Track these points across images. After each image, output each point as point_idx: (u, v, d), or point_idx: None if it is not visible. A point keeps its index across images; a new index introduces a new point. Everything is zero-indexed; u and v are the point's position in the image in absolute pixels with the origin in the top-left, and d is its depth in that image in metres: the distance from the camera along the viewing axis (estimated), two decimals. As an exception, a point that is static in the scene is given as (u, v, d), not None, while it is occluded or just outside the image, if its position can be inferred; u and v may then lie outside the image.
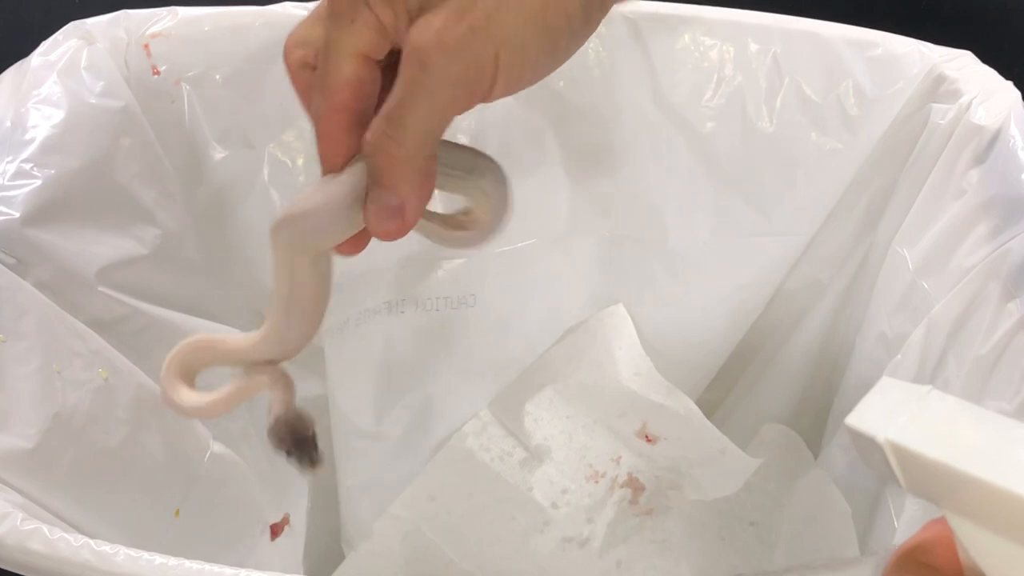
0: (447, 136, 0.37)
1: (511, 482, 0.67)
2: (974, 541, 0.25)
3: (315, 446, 0.41)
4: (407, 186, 0.36)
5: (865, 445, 0.27)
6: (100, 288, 0.50)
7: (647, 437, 0.67)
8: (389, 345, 0.66)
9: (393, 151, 0.36)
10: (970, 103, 0.55)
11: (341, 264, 0.41)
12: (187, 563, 0.35)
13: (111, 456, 0.48)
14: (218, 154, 0.60)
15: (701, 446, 0.66)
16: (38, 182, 0.48)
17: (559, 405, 0.69)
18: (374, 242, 0.39)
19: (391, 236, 0.37)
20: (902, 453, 0.26)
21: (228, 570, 0.35)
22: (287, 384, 0.43)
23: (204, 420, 0.54)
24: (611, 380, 0.68)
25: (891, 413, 0.26)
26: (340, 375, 0.65)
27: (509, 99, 0.43)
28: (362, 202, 0.37)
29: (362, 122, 0.37)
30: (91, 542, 0.36)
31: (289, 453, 0.41)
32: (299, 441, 0.41)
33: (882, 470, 0.27)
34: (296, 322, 0.41)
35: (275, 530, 0.59)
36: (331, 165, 0.38)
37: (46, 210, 0.48)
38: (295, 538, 0.61)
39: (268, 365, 0.43)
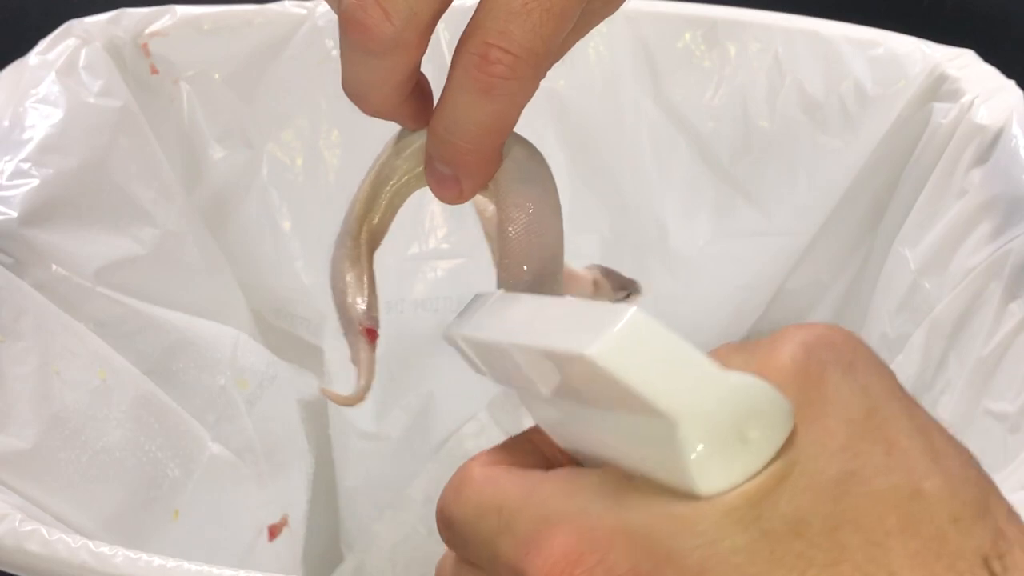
0: None
1: (510, 483, 0.67)
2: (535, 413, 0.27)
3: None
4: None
5: (459, 352, 0.30)
6: (98, 288, 0.50)
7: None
8: (389, 345, 0.66)
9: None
10: (972, 102, 0.55)
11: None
12: (185, 564, 0.35)
13: (109, 456, 0.47)
14: (217, 153, 0.60)
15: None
16: (36, 182, 0.48)
17: (559, 406, 0.69)
18: None
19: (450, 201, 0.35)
20: (469, 341, 0.29)
21: (227, 571, 0.35)
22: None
23: (202, 421, 0.54)
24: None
25: (469, 317, 0.30)
26: (340, 375, 0.64)
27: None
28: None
29: None
30: (89, 543, 0.36)
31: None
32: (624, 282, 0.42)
33: (477, 368, 0.30)
34: None
35: (273, 531, 0.59)
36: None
37: (44, 210, 0.48)
38: (294, 539, 0.60)
39: None
